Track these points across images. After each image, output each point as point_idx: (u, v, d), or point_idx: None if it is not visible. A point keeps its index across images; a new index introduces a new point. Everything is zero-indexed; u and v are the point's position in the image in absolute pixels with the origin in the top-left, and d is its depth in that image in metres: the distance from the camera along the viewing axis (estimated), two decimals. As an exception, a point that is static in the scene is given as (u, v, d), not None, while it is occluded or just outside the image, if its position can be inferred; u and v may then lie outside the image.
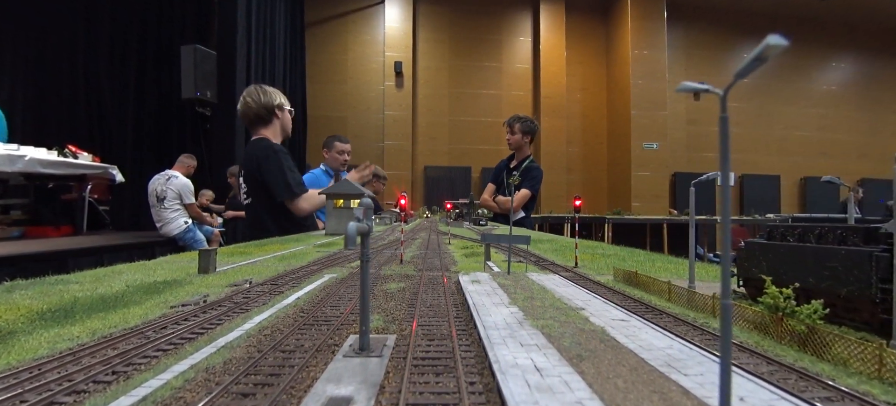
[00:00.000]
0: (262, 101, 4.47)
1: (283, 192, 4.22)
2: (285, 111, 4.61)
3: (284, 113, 4.61)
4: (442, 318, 1.26)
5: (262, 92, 4.52)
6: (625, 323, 1.17)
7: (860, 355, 0.89)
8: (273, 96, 4.53)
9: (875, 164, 14.04)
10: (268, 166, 4.24)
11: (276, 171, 4.22)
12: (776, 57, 0.51)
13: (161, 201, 6.04)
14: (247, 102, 4.48)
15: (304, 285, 1.72)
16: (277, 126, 4.56)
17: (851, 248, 1.20)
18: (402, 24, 12.38)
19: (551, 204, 12.28)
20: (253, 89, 4.59)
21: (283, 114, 4.59)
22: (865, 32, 14.42)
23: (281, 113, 4.56)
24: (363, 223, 1.00)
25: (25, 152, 5.10)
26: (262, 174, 4.25)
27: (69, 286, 1.67)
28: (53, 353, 0.99)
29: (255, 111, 4.47)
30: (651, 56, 12.34)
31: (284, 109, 4.59)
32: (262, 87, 4.61)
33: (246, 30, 7.47)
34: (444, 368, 0.90)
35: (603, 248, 3.35)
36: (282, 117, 4.58)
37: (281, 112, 4.56)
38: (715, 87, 0.61)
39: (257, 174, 4.29)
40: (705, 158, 13.18)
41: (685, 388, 0.76)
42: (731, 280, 1.61)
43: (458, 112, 12.89)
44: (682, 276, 1.94)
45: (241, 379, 0.84)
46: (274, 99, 4.51)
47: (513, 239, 2.18)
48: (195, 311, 1.33)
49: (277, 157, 4.28)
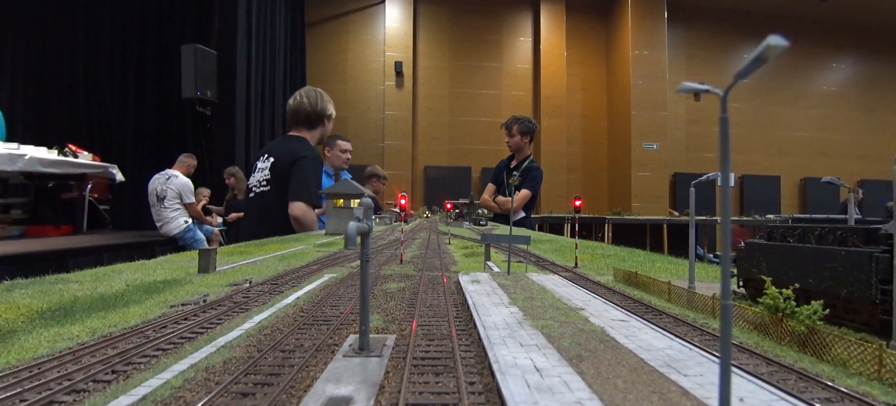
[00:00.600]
0: (318, 105, 4.60)
1: (303, 194, 4.25)
2: (330, 123, 4.76)
3: (329, 124, 4.76)
4: (442, 318, 1.26)
5: (319, 97, 4.64)
6: (624, 323, 1.17)
7: (860, 356, 0.89)
8: (328, 105, 4.67)
9: (875, 165, 14.05)
10: (303, 164, 4.30)
11: (309, 174, 4.32)
12: (776, 57, 0.51)
13: (161, 200, 6.04)
14: (301, 101, 4.57)
15: (304, 285, 1.72)
16: (319, 133, 4.70)
17: (851, 249, 1.20)
18: (402, 24, 12.38)
19: (551, 204, 12.28)
20: (311, 91, 4.71)
21: (328, 124, 4.74)
22: (866, 33, 14.42)
23: (328, 123, 4.73)
24: (363, 223, 1.00)
25: (25, 151, 5.10)
26: (295, 168, 4.28)
27: (69, 285, 1.67)
28: (53, 353, 0.99)
29: (306, 112, 4.57)
30: (651, 56, 12.34)
31: (331, 120, 4.75)
32: (321, 93, 4.73)
33: (246, 29, 7.47)
34: (444, 368, 0.90)
35: (603, 248, 3.35)
36: (325, 128, 4.72)
37: (328, 122, 4.72)
38: (715, 87, 0.62)
39: (289, 167, 4.31)
40: (705, 159, 13.18)
41: (685, 388, 0.76)
42: (731, 281, 1.61)
43: (458, 112, 12.89)
44: (681, 276, 1.94)
45: (240, 378, 0.84)
46: (328, 109, 4.66)
47: (513, 239, 2.18)
48: (195, 311, 1.33)
49: (316, 164, 4.43)
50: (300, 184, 4.24)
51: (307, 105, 4.53)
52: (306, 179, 4.25)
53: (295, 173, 4.25)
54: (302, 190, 4.23)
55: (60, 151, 5.76)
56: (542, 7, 12.78)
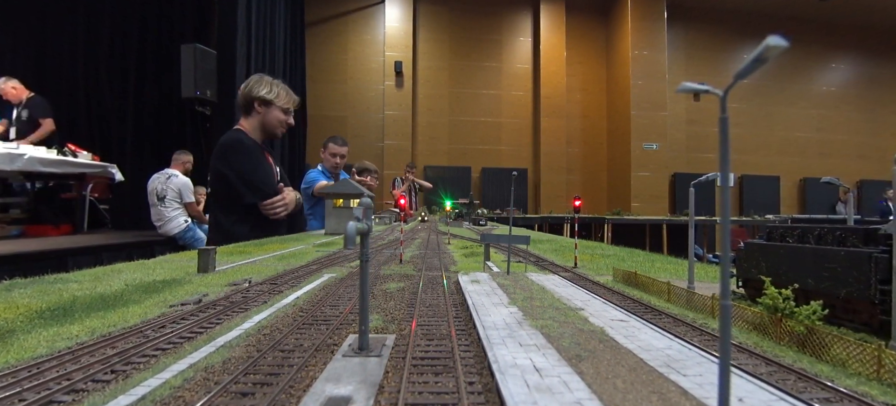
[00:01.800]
0: (246, 91, 4.23)
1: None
2: (273, 108, 4.24)
3: (270, 109, 4.24)
4: (441, 317, 1.26)
5: (254, 83, 4.27)
6: (624, 323, 1.17)
7: (859, 356, 0.89)
8: (256, 88, 4.21)
9: (874, 165, 14.06)
10: (213, 156, 4.12)
11: (213, 163, 4.11)
12: (776, 58, 0.51)
13: (161, 200, 6.04)
14: (239, 92, 4.35)
15: (304, 285, 1.72)
16: (257, 119, 4.24)
17: (851, 249, 1.21)
18: (402, 24, 12.38)
19: (551, 204, 12.29)
20: (251, 78, 4.39)
21: (265, 109, 4.23)
22: (866, 33, 14.43)
23: (262, 107, 4.21)
24: (362, 223, 1.00)
25: (25, 151, 5.10)
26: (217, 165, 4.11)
27: (68, 285, 1.67)
28: (52, 352, 0.99)
29: (240, 102, 4.30)
30: (651, 56, 12.34)
31: (270, 105, 4.23)
32: (258, 78, 4.35)
33: (246, 29, 7.46)
34: (444, 368, 0.90)
35: (602, 248, 3.36)
36: (261, 113, 4.22)
37: (263, 106, 4.21)
38: (715, 87, 0.62)
39: (216, 163, 4.10)
40: (705, 159, 13.19)
41: (684, 388, 0.76)
42: (731, 281, 1.61)
43: (458, 112, 12.90)
44: (681, 276, 1.94)
45: (240, 378, 0.84)
46: (255, 91, 4.20)
47: (512, 239, 2.18)
48: (194, 311, 1.33)
49: (219, 151, 4.08)
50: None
51: (240, 94, 4.31)
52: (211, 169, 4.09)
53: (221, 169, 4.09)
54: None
55: (60, 151, 5.76)
56: (541, 7, 12.78)
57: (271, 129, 4.33)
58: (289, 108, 4.40)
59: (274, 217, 4.09)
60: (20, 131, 6.29)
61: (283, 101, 4.32)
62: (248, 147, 4.08)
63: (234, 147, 4.06)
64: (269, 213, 4.05)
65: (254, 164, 4.07)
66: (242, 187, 3.97)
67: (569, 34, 12.92)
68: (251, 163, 4.05)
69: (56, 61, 8.92)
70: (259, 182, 4.05)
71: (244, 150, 4.05)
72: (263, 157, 4.21)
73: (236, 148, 4.05)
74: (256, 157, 4.10)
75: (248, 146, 4.08)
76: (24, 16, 8.71)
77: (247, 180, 3.99)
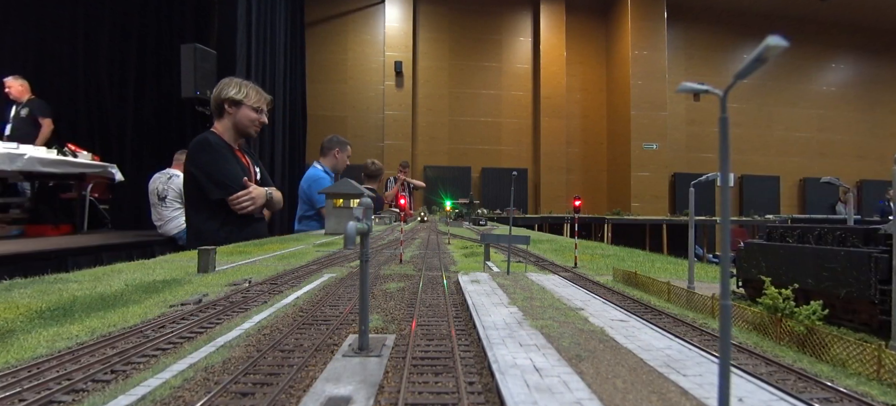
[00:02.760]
0: (215, 93, 4.30)
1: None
2: (243, 108, 4.30)
3: (240, 109, 4.30)
4: (441, 317, 1.26)
5: (223, 86, 4.33)
6: (624, 323, 1.17)
7: (859, 356, 0.89)
8: (224, 89, 4.28)
9: (874, 165, 14.06)
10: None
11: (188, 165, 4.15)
12: (776, 58, 0.51)
13: (162, 200, 6.04)
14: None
15: (304, 285, 1.72)
16: (228, 121, 4.30)
17: (850, 249, 1.21)
18: (402, 24, 12.38)
19: (551, 204, 12.29)
20: (222, 80, 4.44)
21: (236, 109, 4.29)
22: (865, 33, 14.43)
23: (232, 108, 4.27)
24: (362, 223, 1.00)
25: (25, 151, 5.09)
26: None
27: (68, 285, 1.67)
28: (52, 352, 0.99)
29: (211, 107, 4.35)
30: (651, 56, 12.35)
31: (240, 105, 4.29)
32: (229, 80, 4.42)
33: (246, 29, 7.46)
34: (444, 368, 0.90)
35: (602, 248, 3.36)
36: (232, 113, 4.29)
37: (233, 107, 4.27)
38: (715, 87, 0.62)
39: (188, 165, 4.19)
40: (705, 159, 13.19)
41: (684, 388, 0.76)
42: (731, 281, 1.61)
43: (458, 112, 12.90)
44: (681, 276, 1.94)
45: (240, 378, 0.84)
46: (224, 92, 4.26)
47: (512, 239, 2.18)
48: (194, 311, 1.33)
49: (193, 150, 4.15)
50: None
51: (211, 98, 4.35)
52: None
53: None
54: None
55: (60, 151, 5.76)
56: (541, 7, 12.78)
57: (243, 128, 4.41)
58: (260, 107, 4.48)
59: (241, 211, 4.15)
60: (18, 128, 6.30)
61: (253, 101, 4.39)
62: (213, 145, 4.18)
63: (201, 146, 4.17)
64: (235, 208, 4.12)
65: (219, 161, 4.15)
66: (208, 184, 4.05)
67: (569, 34, 12.92)
68: (216, 161, 4.13)
69: (56, 61, 8.92)
70: (224, 178, 4.13)
71: (210, 148, 4.16)
72: (232, 156, 4.28)
73: (202, 147, 4.16)
74: (222, 155, 4.19)
75: (214, 144, 4.19)
76: (23, 15, 8.71)
77: (212, 177, 4.08)
